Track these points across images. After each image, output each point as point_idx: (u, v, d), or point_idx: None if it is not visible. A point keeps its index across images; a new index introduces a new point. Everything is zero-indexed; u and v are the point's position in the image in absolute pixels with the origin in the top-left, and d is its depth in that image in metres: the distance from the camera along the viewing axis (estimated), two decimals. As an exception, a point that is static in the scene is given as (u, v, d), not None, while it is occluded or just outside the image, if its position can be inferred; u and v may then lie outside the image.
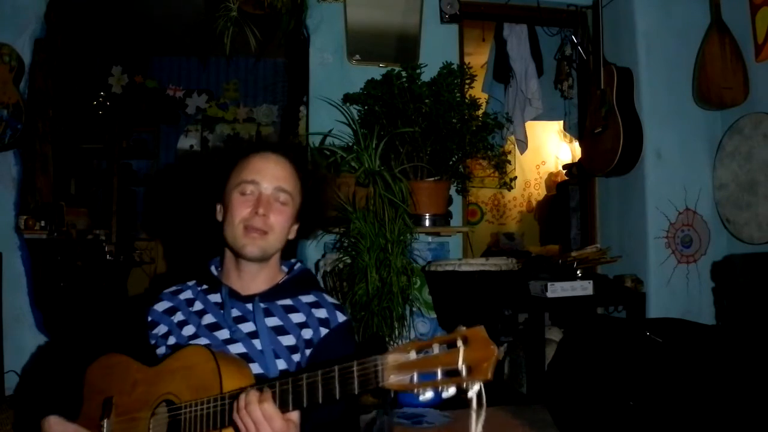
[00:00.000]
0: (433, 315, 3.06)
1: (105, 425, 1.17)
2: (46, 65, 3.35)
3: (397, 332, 2.69)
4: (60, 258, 3.54)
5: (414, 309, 2.94)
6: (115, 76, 5.45)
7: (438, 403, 2.70)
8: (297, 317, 1.29)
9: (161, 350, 1.28)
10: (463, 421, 2.53)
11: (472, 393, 0.82)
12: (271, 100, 5.79)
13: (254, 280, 1.31)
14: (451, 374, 0.82)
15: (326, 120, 3.10)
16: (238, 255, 1.28)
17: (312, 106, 3.17)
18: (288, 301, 1.31)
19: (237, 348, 1.23)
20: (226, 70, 5.64)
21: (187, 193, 1.46)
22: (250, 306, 1.28)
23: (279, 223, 1.28)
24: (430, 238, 3.16)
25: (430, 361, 0.84)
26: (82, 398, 1.25)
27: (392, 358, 0.87)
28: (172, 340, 1.28)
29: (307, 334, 1.27)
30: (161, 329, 1.30)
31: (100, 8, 4.29)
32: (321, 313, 1.30)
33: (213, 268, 1.38)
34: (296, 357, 1.24)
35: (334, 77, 3.16)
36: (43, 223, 3.22)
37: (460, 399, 0.84)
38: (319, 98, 3.12)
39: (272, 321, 1.27)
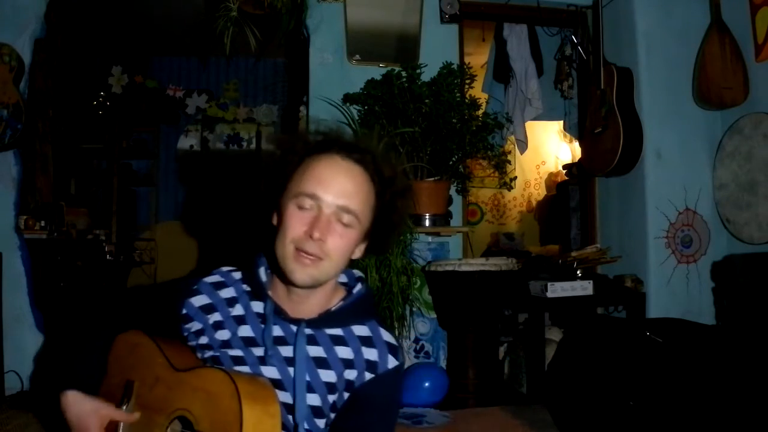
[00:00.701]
0: (433, 315, 3.07)
1: (121, 424, 1.14)
2: (46, 65, 3.35)
3: (397, 332, 2.70)
4: (60, 258, 3.54)
5: (414, 309, 2.95)
6: (115, 76, 5.45)
7: (438, 402, 2.71)
8: (344, 352, 1.14)
9: (192, 343, 1.19)
10: (464, 421, 2.54)
11: None
12: (271, 100, 5.79)
13: (304, 303, 1.16)
14: None
15: (326, 120, 3.10)
16: (285, 279, 1.11)
17: (312, 106, 3.17)
18: (338, 331, 1.15)
19: (270, 371, 1.12)
20: (226, 70, 5.64)
21: (245, 189, 1.27)
22: (294, 328, 1.13)
23: (338, 249, 1.09)
24: (430, 238, 3.16)
25: None
26: (106, 366, 1.18)
27: None
28: (203, 340, 1.17)
29: (350, 375, 1.13)
30: (195, 325, 1.18)
31: (100, 8, 4.29)
32: (371, 354, 1.15)
33: (262, 271, 1.20)
34: (332, 397, 1.12)
35: (334, 77, 3.16)
36: (43, 223, 3.22)
37: (460, 399, 0.83)
38: (319, 98, 3.11)
39: (315, 350, 1.13)
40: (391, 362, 1.15)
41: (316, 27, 3.19)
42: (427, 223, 2.94)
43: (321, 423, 1.12)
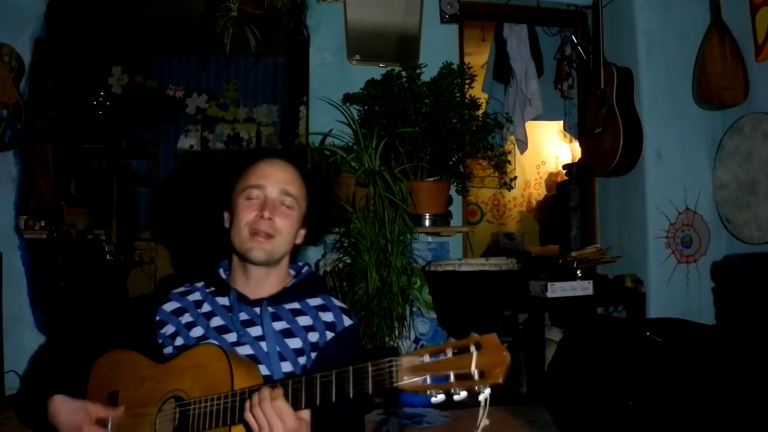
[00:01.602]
0: (433, 315, 3.06)
1: (110, 419, 1.17)
2: (46, 65, 3.35)
3: (397, 332, 2.70)
4: (60, 258, 3.54)
5: (414, 309, 2.94)
6: (115, 76, 5.45)
7: (438, 402, 2.70)
8: (304, 320, 1.29)
9: (168, 350, 1.28)
10: (463, 421, 2.54)
11: (483, 396, 0.84)
12: (271, 100, 5.78)
13: (262, 284, 1.31)
14: (464, 378, 0.85)
15: (326, 120, 3.10)
16: (245, 259, 1.29)
17: (312, 106, 3.17)
18: (295, 305, 1.31)
19: (245, 350, 1.24)
20: (226, 70, 5.63)
21: (193, 202, 1.47)
22: (257, 310, 1.28)
23: (285, 227, 1.28)
24: (430, 238, 3.16)
25: (444, 365, 0.87)
26: (86, 391, 1.24)
27: (407, 360, 0.89)
28: (179, 341, 1.28)
29: (313, 337, 1.27)
30: (169, 329, 1.30)
31: (100, 8, 4.29)
32: (328, 316, 1.31)
33: (221, 271, 1.38)
34: (302, 360, 1.25)
35: (334, 77, 3.16)
36: (43, 223, 3.22)
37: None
38: (319, 98, 3.12)
39: (279, 324, 1.27)
40: (347, 321, 1.32)
41: (316, 27, 3.19)
42: (427, 223, 2.94)
43: None
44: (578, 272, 3.01)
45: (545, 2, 3.49)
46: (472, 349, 0.85)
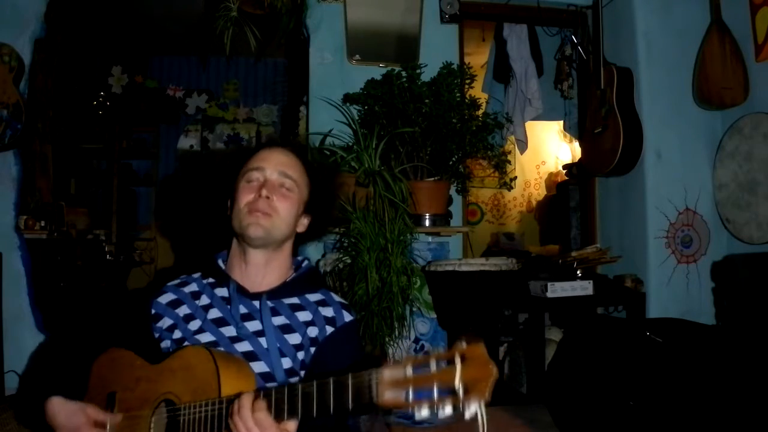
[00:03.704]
0: (433, 315, 3.06)
1: (108, 421, 1.17)
2: (46, 65, 3.35)
3: (397, 332, 2.69)
4: (60, 258, 3.54)
5: (414, 309, 2.94)
6: (115, 76, 5.45)
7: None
8: (303, 315, 1.28)
9: (166, 343, 1.27)
10: (463, 421, 2.53)
11: (468, 414, 0.80)
12: (271, 100, 5.78)
13: (261, 274, 1.30)
14: (448, 393, 0.80)
15: (326, 120, 3.10)
16: (244, 239, 1.27)
17: (312, 106, 3.17)
18: (295, 300, 1.30)
19: (243, 346, 1.22)
20: (226, 70, 5.63)
21: (199, 194, 1.46)
22: (257, 304, 1.27)
23: (284, 208, 1.28)
24: (430, 238, 3.16)
25: (427, 378, 0.82)
26: (86, 390, 1.23)
27: (387, 373, 0.84)
28: (177, 334, 1.26)
29: (312, 332, 1.26)
30: (166, 322, 1.28)
31: (100, 8, 4.29)
32: (327, 311, 1.30)
33: (220, 261, 1.36)
34: (301, 355, 1.24)
35: (334, 77, 3.16)
36: (43, 223, 3.22)
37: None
38: (319, 98, 3.11)
39: (279, 320, 1.26)
40: (347, 317, 1.31)
41: (316, 27, 3.19)
42: (427, 223, 2.94)
43: (294, 381, 1.21)
44: (578, 272, 3.01)
45: (545, 2, 3.48)
46: (457, 361, 0.80)
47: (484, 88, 4.17)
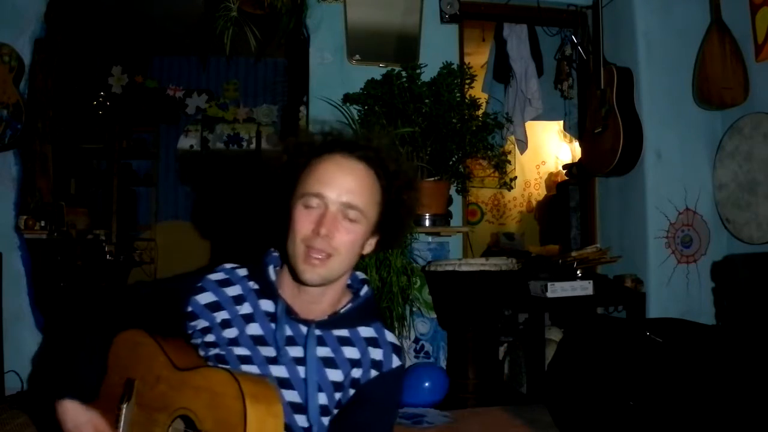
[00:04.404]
0: (433, 315, 3.06)
1: (124, 410, 1.15)
2: (46, 65, 3.35)
3: (397, 332, 2.70)
4: (60, 258, 3.55)
5: (414, 309, 2.95)
6: (115, 76, 5.46)
7: (438, 402, 2.71)
8: (351, 352, 1.17)
9: (196, 341, 1.19)
10: (464, 421, 2.54)
11: None
12: (271, 100, 5.79)
13: (315, 303, 1.18)
14: None
15: (326, 120, 3.10)
16: (297, 278, 1.15)
17: (312, 106, 3.17)
18: (345, 333, 1.18)
19: (279, 371, 1.13)
20: (226, 70, 5.63)
21: (255, 191, 1.32)
22: (304, 329, 1.16)
23: (346, 244, 1.12)
24: (430, 238, 3.16)
25: None
26: (107, 366, 1.20)
27: None
28: (210, 338, 1.17)
29: (356, 373, 1.16)
30: (200, 323, 1.18)
31: (100, 8, 4.29)
32: (377, 354, 1.18)
33: (271, 269, 1.22)
34: (338, 395, 1.15)
35: (334, 77, 3.16)
36: (43, 223, 3.22)
37: (460, 399, 0.83)
38: (319, 98, 3.11)
39: (323, 351, 1.16)
40: (395, 362, 1.19)
41: (316, 27, 3.19)
42: (427, 223, 2.94)
43: (326, 420, 1.15)
44: (578, 272, 3.01)
45: (545, 2, 3.48)
46: None
47: (484, 88, 4.17)
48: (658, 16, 3.18)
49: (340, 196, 1.12)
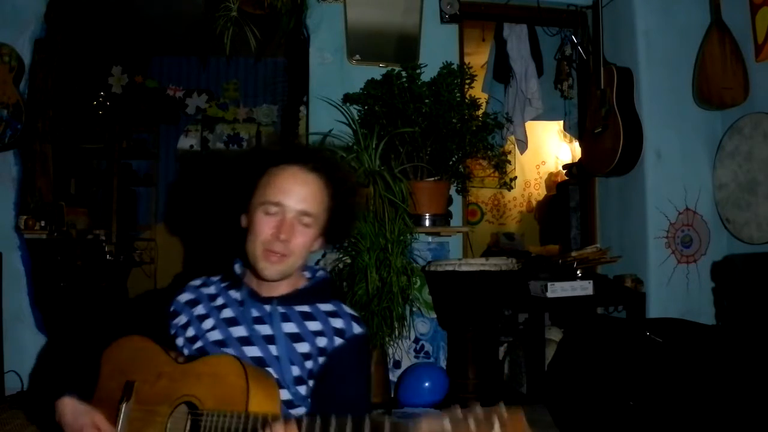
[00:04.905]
0: (433, 315, 3.06)
1: (123, 408, 1.18)
2: (46, 65, 3.35)
3: (397, 332, 2.70)
4: (60, 258, 3.54)
5: (414, 309, 2.94)
6: (115, 76, 5.45)
7: (438, 402, 2.70)
8: (314, 325, 1.29)
9: (179, 341, 1.30)
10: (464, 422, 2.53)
11: None
12: (271, 100, 5.78)
13: (275, 285, 1.32)
14: None
15: (326, 120, 3.10)
16: (257, 275, 1.29)
17: (312, 106, 3.17)
18: (306, 308, 1.31)
19: (253, 351, 1.24)
20: (226, 70, 5.63)
21: (214, 197, 1.44)
22: (268, 308, 1.29)
23: (299, 246, 1.27)
24: (430, 238, 3.16)
25: None
26: (98, 375, 1.25)
27: (426, 425, 0.89)
28: (190, 332, 1.29)
29: (321, 342, 1.27)
30: (181, 319, 1.32)
31: (100, 8, 4.29)
32: (338, 323, 1.30)
33: (237, 267, 1.38)
34: (309, 364, 1.26)
35: (334, 77, 3.16)
36: (43, 223, 3.22)
37: (460, 398, 0.84)
38: (319, 98, 3.11)
39: (289, 327, 1.28)
40: (357, 329, 1.31)
41: (316, 27, 3.19)
42: (427, 223, 2.94)
43: (302, 390, 1.25)
44: (578, 272, 3.01)
45: (545, 2, 3.48)
46: (497, 426, 0.82)
47: (484, 88, 4.17)
48: (658, 16, 3.18)
49: (297, 204, 1.25)
